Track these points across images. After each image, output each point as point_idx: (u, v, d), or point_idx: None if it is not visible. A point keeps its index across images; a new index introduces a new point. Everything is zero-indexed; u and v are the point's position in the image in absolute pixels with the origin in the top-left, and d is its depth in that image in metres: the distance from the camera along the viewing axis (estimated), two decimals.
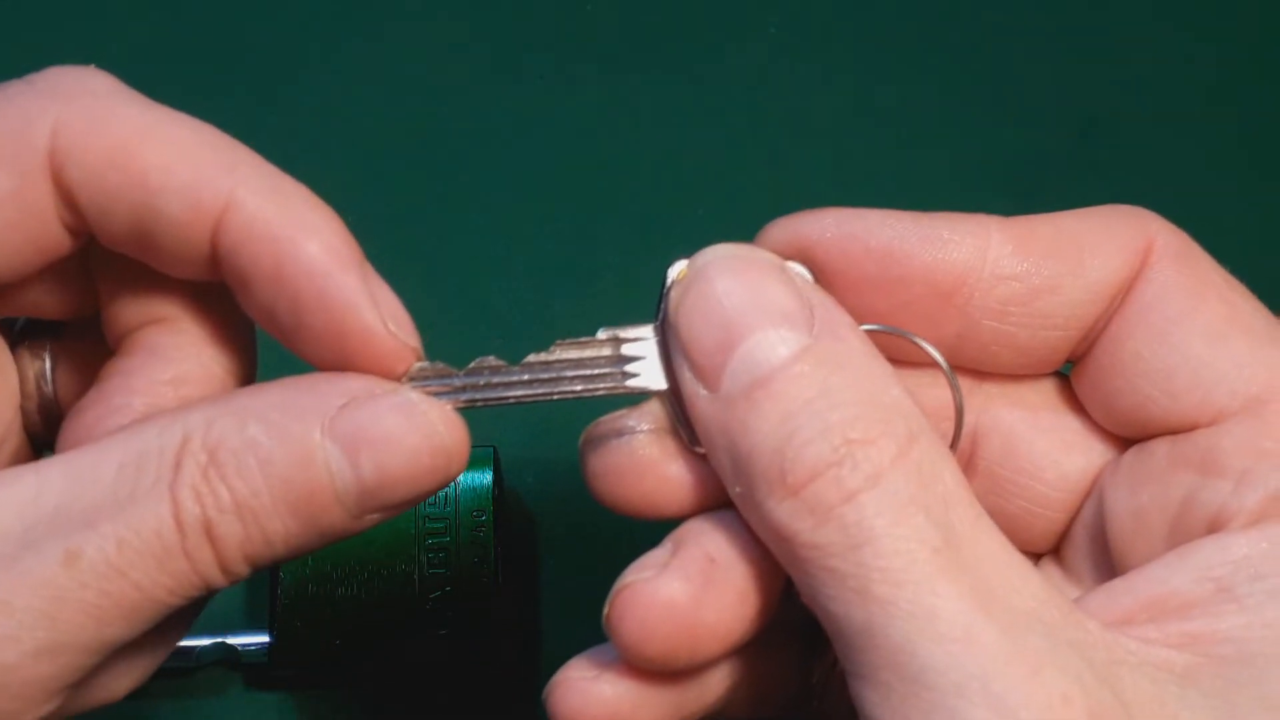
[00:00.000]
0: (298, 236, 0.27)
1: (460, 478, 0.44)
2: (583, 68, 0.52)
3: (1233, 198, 0.51)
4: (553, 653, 0.45)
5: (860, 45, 0.53)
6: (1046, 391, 0.32)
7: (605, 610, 0.28)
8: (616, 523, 0.42)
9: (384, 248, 0.54)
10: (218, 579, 0.26)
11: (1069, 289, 0.29)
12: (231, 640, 0.44)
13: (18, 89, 0.27)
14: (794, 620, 0.29)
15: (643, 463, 0.30)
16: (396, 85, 0.52)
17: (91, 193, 0.27)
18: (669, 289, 0.29)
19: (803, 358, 0.27)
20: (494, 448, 0.45)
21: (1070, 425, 0.31)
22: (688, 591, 0.28)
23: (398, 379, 0.28)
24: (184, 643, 0.44)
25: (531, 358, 0.29)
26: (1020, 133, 0.52)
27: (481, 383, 0.29)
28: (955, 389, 0.30)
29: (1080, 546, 0.31)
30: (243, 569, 0.26)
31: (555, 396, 0.29)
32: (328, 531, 0.27)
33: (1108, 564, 0.30)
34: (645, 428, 0.30)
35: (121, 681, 0.28)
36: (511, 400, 0.29)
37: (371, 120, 0.52)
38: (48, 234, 0.27)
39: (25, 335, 0.31)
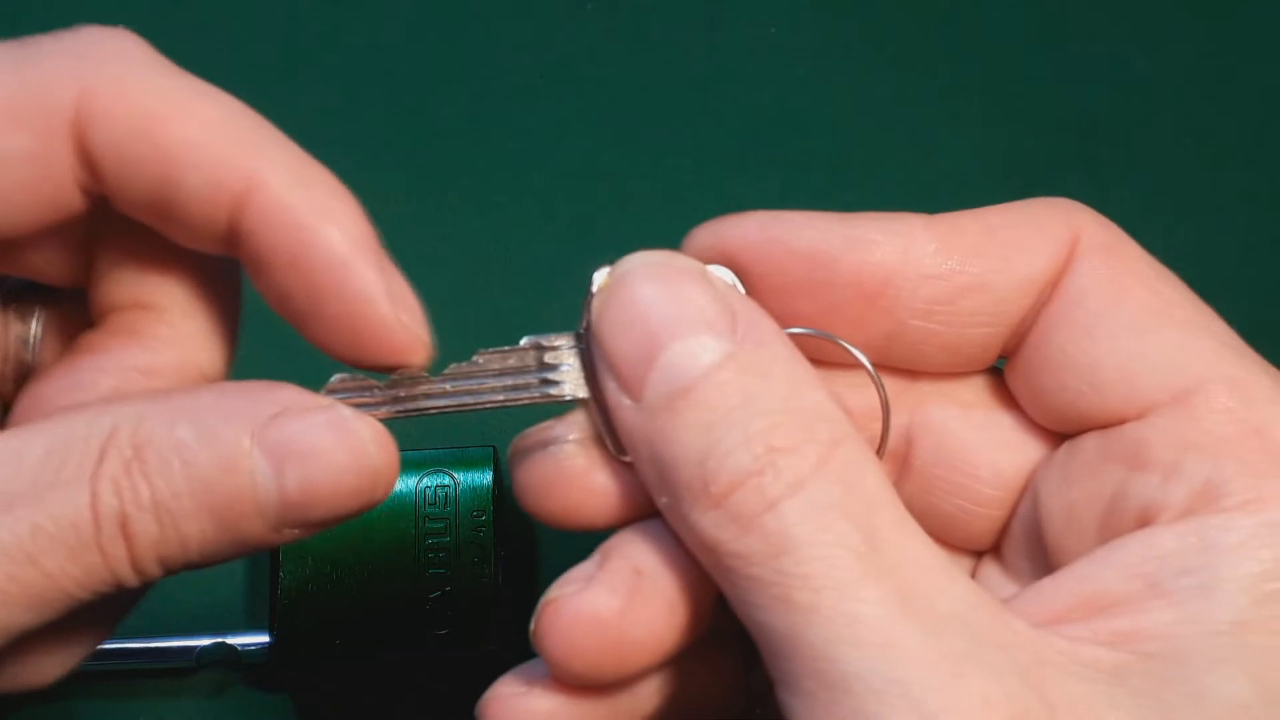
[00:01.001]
0: (319, 224, 0.27)
1: (460, 477, 0.44)
2: (582, 67, 0.52)
3: (1233, 197, 0.51)
4: None
5: (860, 45, 0.53)
6: (980, 389, 0.32)
7: (531, 625, 0.28)
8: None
9: (382, 248, 0.53)
10: (129, 576, 0.26)
11: (996, 286, 0.29)
12: (231, 640, 0.44)
13: (48, 47, 0.27)
14: (731, 629, 0.29)
15: (569, 473, 0.29)
16: (395, 85, 0.52)
17: (114, 159, 0.27)
18: (591, 297, 0.28)
19: (725, 365, 0.26)
20: (494, 448, 0.45)
21: (1004, 422, 0.31)
22: (614, 605, 0.27)
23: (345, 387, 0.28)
24: (184, 643, 0.44)
25: (454, 367, 0.29)
26: (1020, 133, 0.52)
27: (403, 394, 0.28)
28: (881, 390, 0.30)
29: (1018, 544, 0.31)
30: (155, 570, 0.26)
31: (478, 407, 0.29)
32: (245, 540, 0.26)
33: (1045, 561, 0.30)
34: (572, 438, 0.29)
35: (34, 671, 0.28)
36: (433, 410, 0.29)
37: (370, 120, 0.52)
38: (62, 195, 0.27)
39: (17, 296, 0.31)
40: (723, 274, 0.29)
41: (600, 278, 0.28)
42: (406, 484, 0.44)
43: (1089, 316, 0.29)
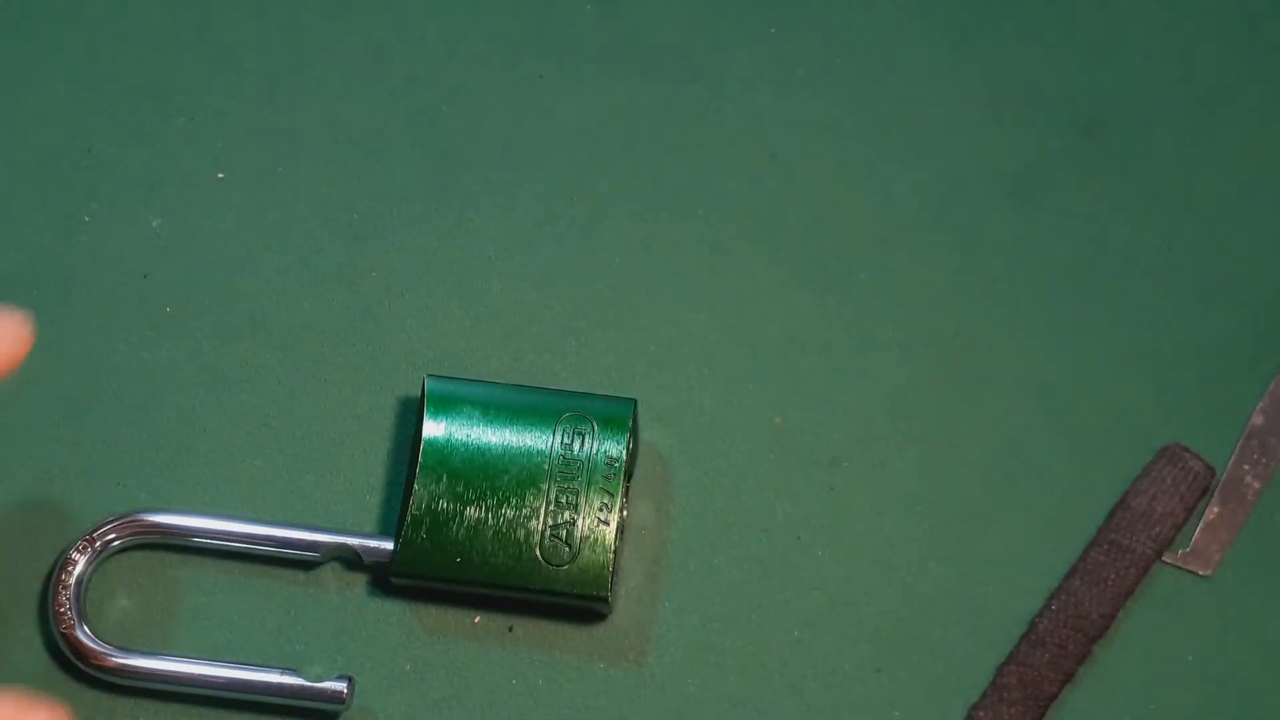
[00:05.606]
0: None
1: (599, 424, 0.46)
2: (583, 67, 0.52)
3: (1234, 198, 0.51)
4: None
5: (860, 45, 0.53)
6: None
7: None
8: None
9: (382, 248, 0.53)
10: None
11: None
12: (354, 542, 0.45)
13: None
14: None
15: None
16: (394, 85, 0.52)
17: None
18: None
19: None
20: (634, 400, 0.46)
21: None
22: None
23: None
24: (311, 535, 0.46)
25: None
26: (1020, 133, 0.52)
27: None
28: None
29: None
30: None
31: None
32: None
33: None
34: None
35: None
36: None
37: (369, 120, 0.52)
38: None
39: None
40: None
41: None
42: (548, 421, 0.45)
43: None
